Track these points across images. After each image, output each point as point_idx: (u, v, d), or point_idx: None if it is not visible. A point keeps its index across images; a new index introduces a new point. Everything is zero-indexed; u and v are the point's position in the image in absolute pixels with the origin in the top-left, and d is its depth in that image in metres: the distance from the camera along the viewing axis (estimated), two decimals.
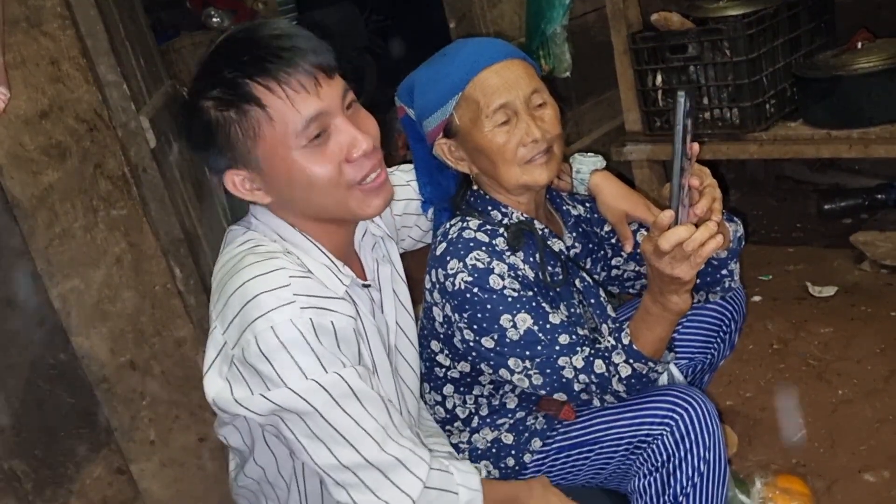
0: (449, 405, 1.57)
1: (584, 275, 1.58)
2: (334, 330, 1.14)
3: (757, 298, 2.59)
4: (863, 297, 2.45)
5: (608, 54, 2.80)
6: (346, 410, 1.14)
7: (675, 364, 1.68)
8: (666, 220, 1.18)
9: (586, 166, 1.61)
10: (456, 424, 1.56)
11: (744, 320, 1.73)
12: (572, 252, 1.57)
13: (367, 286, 1.33)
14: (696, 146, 1.22)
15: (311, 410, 1.12)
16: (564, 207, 1.61)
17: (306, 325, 1.11)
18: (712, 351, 1.71)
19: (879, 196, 2.95)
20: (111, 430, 1.86)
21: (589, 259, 1.63)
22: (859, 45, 2.36)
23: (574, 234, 1.59)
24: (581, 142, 3.26)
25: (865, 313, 2.37)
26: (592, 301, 1.58)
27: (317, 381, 1.11)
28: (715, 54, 2.47)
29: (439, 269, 1.42)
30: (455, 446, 1.54)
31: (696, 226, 1.20)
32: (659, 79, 2.63)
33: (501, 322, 1.38)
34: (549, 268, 1.48)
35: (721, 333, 1.70)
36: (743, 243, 1.56)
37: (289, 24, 1.23)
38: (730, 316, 1.69)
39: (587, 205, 1.64)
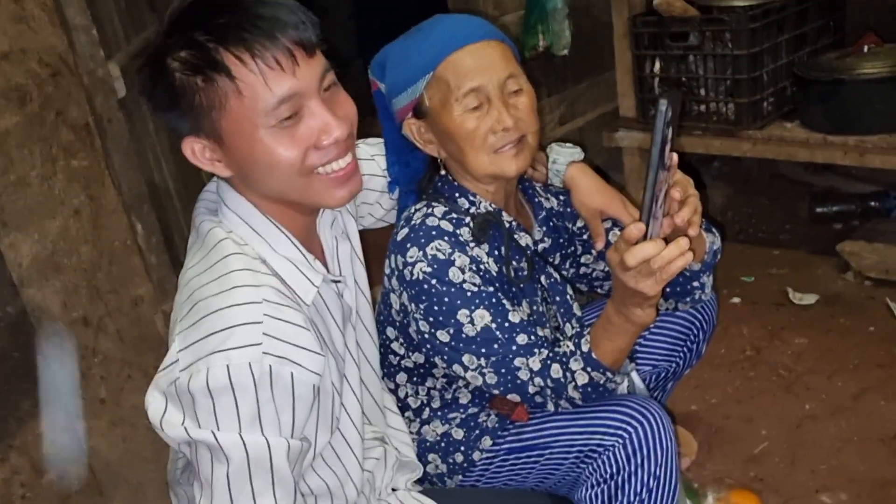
0: (401, 394, 1.52)
1: (552, 271, 1.52)
2: (292, 384, 1.05)
3: (736, 300, 2.54)
4: (843, 309, 2.40)
5: (609, 35, 2.72)
6: (252, 480, 1.05)
7: (639, 371, 1.64)
8: (635, 233, 1.11)
9: (563, 157, 1.54)
10: (407, 414, 1.52)
11: (713, 331, 1.68)
12: (541, 247, 1.51)
13: (338, 282, 1.26)
14: (675, 156, 1.15)
15: (223, 461, 1.04)
16: (537, 199, 1.54)
17: (263, 372, 1.03)
18: (677, 360, 1.66)
19: (873, 204, 2.89)
20: (58, 387, 1.81)
21: (558, 254, 1.56)
22: (865, 48, 2.28)
23: (544, 228, 1.52)
24: (573, 123, 3.18)
25: (844, 326, 2.33)
26: (558, 299, 1.53)
27: (243, 440, 1.03)
28: (716, 45, 2.39)
29: (399, 256, 1.36)
30: None
31: (669, 239, 1.14)
32: (657, 66, 2.55)
33: (458, 317, 1.32)
34: (514, 262, 1.42)
35: (688, 343, 1.65)
36: (718, 256, 1.50)
37: None
38: (698, 326, 1.64)
39: (561, 198, 1.58)
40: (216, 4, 1.08)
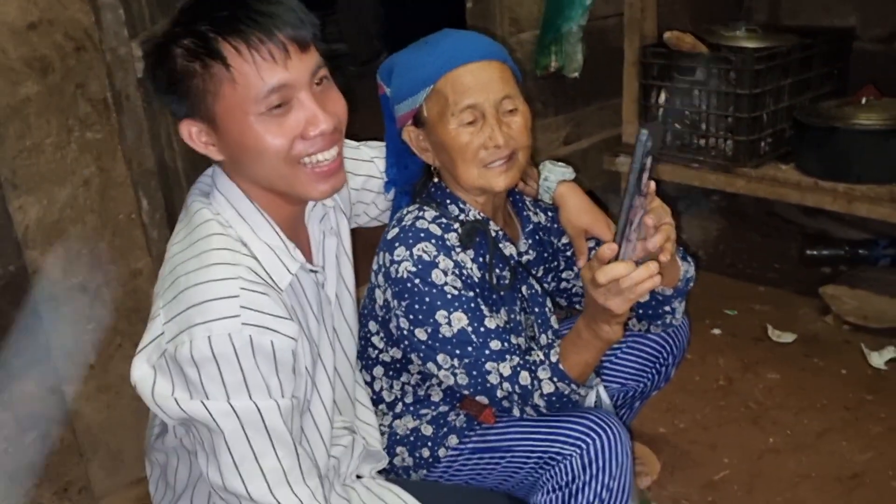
0: (377, 387, 1.58)
1: (534, 282, 1.59)
2: (273, 350, 1.12)
3: (716, 331, 2.60)
4: (819, 350, 2.46)
5: (621, 61, 2.78)
6: (251, 443, 1.12)
7: (607, 387, 1.70)
8: (607, 253, 1.18)
9: (554, 175, 1.60)
10: (381, 407, 1.58)
11: (682, 356, 1.74)
12: (525, 258, 1.57)
13: (315, 272, 1.33)
14: (652, 184, 1.22)
15: (218, 431, 1.11)
16: (525, 213, 1.61)
17: (244, 342, 1.09)
18: (645, 380, 1.72)
19: (862, 251, 2.95)
20: (49, 349, 1.88)
21: (542, 267, 1.63)
22: (863, 100, 2.34)
23: (530, 241, 1.59)
24: (578, 144, 3.25)
25: (817, 366, 2.38)
26: (536, 309, 1.59)
27: (233, 407, 1.10)
28: (720, 83, 2.45)
29: (386, 254, 1.43)
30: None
31: (640, 262, 1.21)
32: (662, 97, 2.61)
33: (437, 317, 1.39)
34: (497, 270, 1.49)
35: (657, 365, 1.71)
36: (691, 284, 1.56)
37: None
38: (668, 350, 1.70)
39: (549, 214, 1.64)
40: (222, 0, 1.16)
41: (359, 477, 1.49)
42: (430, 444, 1.52)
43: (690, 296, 2.77)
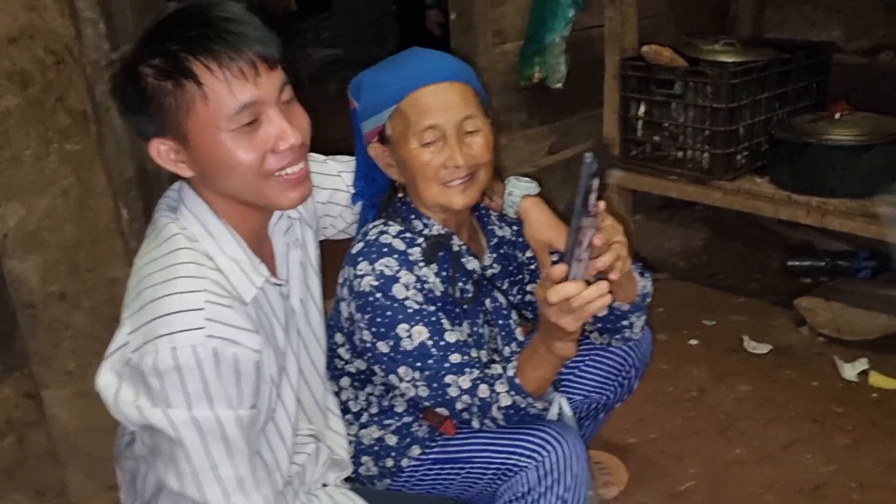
0: (343, 397, 1.61)
1: (499, 295, 1.62)
2: (236, 362, 1.15)
3: (693, 342, 2.63)
4: (792, 362, 2.49)
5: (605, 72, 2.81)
6: (210, 451, 1.15)
7: (570, 400, 1.73)
8: (557, 273, 1.21)
9: (518, 190, 1.64)
10: (347, 417, 1.61)
11: (645, 369, 1.77)
12: (490, 272, 1.60)
13: (279, 285, 1.36)
14: (602, 204, 1.25)
15: (178, 439, 1.14)
16: (490, 227, 1.64)
17: (207, 354, 1.12)
18: (608, 393, 1.75)
19: (843, 263, 2.97)
20: (27, 355, 1.91)
21: (507, 281, 1.66)
22: (837, 115, 2.37)
23: (494, 255, 1.62)
24: (563, 154, 3.28)
25: (789, 378, 2.41)
26: (500, 322, 1.62)
27: (194, 416, 1.13)
28: (697, 96, 2.48)
29: (351, 268, 1.46)
30: None
31: (594, 281, 1.24)
32: (642, 109, 2.64)
33: (398, 330, 1.42)
34: (460, 284, 1.52)
35: (620, 378, 1.74)
36: (649, 299, 1.59)
37: (242, 10, 1.23)
38: (630, 363, 1.73)
39: (514, 228, 1.67)
40: (187, 20, 1.19)
41: (324, 485, 1.52)
42: (393, 453, 1.56)
43: (668, 306, 2.83)
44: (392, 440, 1.56)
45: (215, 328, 1.13)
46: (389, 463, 1.56)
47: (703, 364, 2.49)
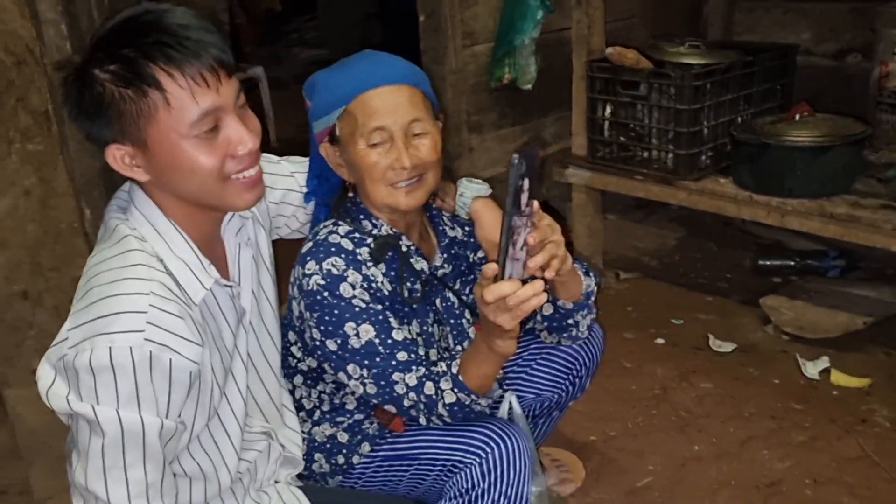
0: (297, 395, 1.63)
1: (450, 295, 1.64)
2: (170, 369, 1.17)
3: (660, 341, 2.65)
4: (755, 359, 2.51)
5: None
6: (125, 454, 1.16)
7: (523, 398, 1.75)
8: (489, 272, 1.23)
9: (470, 191, 1.66)
10: (301, 414, 1.63)
11: (596, 367, 1.79)
12: (440, 272, 1.62)
13: (228, 286, 1.37)
14: (535, 203, 1.27)
15: (98, 434, 1.15)
16: (441, 227, 1.66)
17: (143, 357, 1.14)
18: (559, 391, 1.77)
19: (812, 262, 3.00)
20: None
21: (459, 280, 1.68)
22: (797, 117, 2.40)
23: (445, 255, 1.64)
24: None
25: (751, 375, 2.43)
26: (452, 321, 1.64)
27: (119, 416, 1.14)
28: (661, 98, 2.51)
29: (300, 267, 1.48)
30: None
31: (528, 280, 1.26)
32: (608, 110, 2.67)
33: (345, 328, 1.44)
34: (409, 284, 1.54)
35: (571, 377, 1.76)
36: (593, 298, 1.61)
37: (197, 17, 1.24)
38: (581, 362, 1.75)
39: (467, 228, 1.69)
40: (143, 27, 1.19)
41: (276, 482, 1.54)
42: (345, 451, 1.57)
43: (638, 305, 2.86)
44: (344, 437, 1.58)
45: (155, 333, 1.15)
46: (341, 460, 1.58)
47: (668, 362, 2.51)
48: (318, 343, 1.47)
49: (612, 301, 2.92)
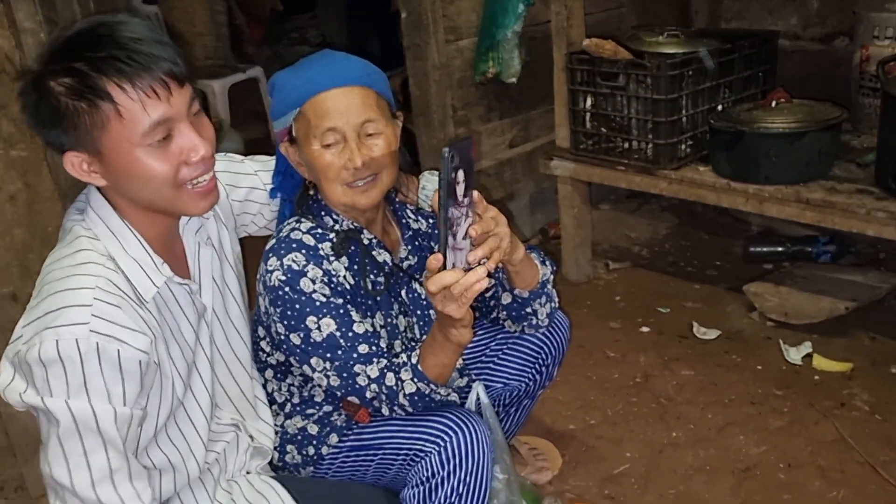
0: (269, 389, 1.68)
1: (416, 286, 1.67)
2: (119, 360, 1.21)
3: (645, 329, 2.67)
4: (738, 346, 2.52)
5: None
6: (83, 440, 1.20)
7: (491, 387, 1.79)
8: (433, 263, 1.26)
9: (431, 184, 1.69)
10: (274, 407, 1.67)
11: (563, 357, 1.81)
12: (406, 264, 1.66)
13: (183, 284, 1.41)
14: (475, 193, 1.30)
15: (54, 423, 1.19)
16: (405, 220, 1.69)
17: (89, 348, 1.18)
18: (527, 380, 1.80)
19: (803, 248, 3.00)
20: None
21: (425, 272, 1.71)
22: (773, 103, 2.40)
23: (409, 247, 1.67)
24: (523, 147, 3.33)
25: (734, 362, 2.45)
26: (419, 312, 1.68)
27: (69, 406, 1.18)
28: (639, 88, 2.52)
29: (263, 264, 1.52)
30: None
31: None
32: (589, 101, 2.68)
33: (307, 322, 1.48)
34: (372, 276, 1.58)
35: (538, 365, 1.79)
36: (549, 286, 1.64)
37: (151, 29, 1.28)
38: (548, 351, 1.78)
39: (431, 221, 1.72)
40: (97, 40, 1.23)
41: (248, 473, 1.59)
42: (315, 442, 1.62)
43: (626, 295, 2.87)
44: (314, 429, 1.62)
45: (100, 325, 1.20)
46: (311, 451, 1.62)
47: (652, 350, 2.53)
48: (282, 337, 1.51)
49: (600, 291, 2.95)
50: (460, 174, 1.22)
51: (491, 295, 1.73)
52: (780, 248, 3.04)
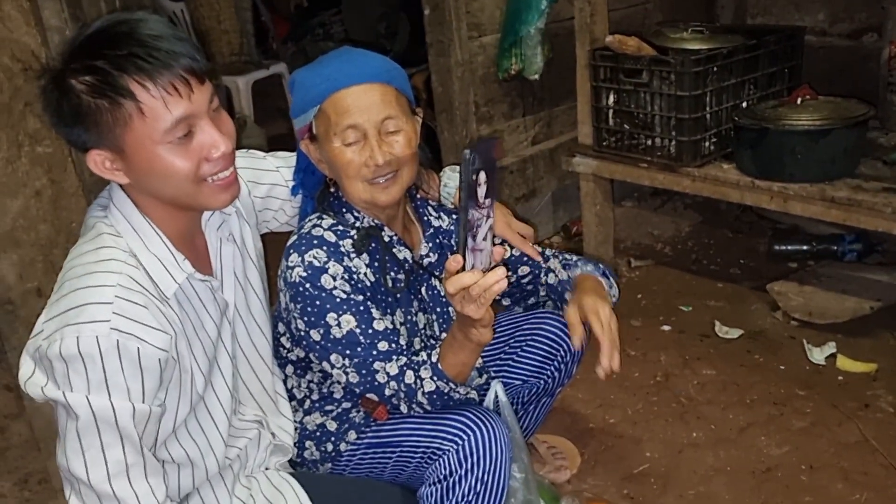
0: (289, 385, 1.69)
1: (436, 284, 1.67)
2: (139, 357, 1.22)
3: (666, 328, 2.65)
4: (762, 346, 2.50)
5: None
6: (101, 435, 1.22)
7: (510, 385, 1.79)
8: (452, 265, 1.26)
9: (453, 182, 1.69)
10: (293, 404, 1.68)
11: (583, 354, 1.80)
12: (426, 261, 1.66)
13: (205, 281, 1.42)
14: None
15: (73, 417, 1.21)
16: (426, 218, 1.69)
17: (110, 346, 1.20)
18: (546, 378, 1.80)
19: (829, 247, 2.96)
20: (5, 350, 2.01)
21: (443, 273, 1.71)
22: (798, 100, 2.37)
23: (430, 245, 1.68)
24: (546, 143, 3.31)
25: (756, 362, 2.42)
26: (438, 309, 1.68)
27: (90, 401, 1.20)
28: (663, 85, 2.50)
29: (284, 260, 1.53)
30: None
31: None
32: (612, 98, 2.67)
33: (327, 319, 1.48)
34: (392, 273, 1.58)
35: (556, 363, 1.78)
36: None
37: (170, 27, 1.29)
38: (566, 348, 1.77)
39: (453, 217, 1.72)
40: (117, 39, 1.23)
41: (267, 469, 1.60)
42: (333, 438, 1.63)
43: (647, 293, 2.85)
44: (332, 426, 1.63)
45: (121, 322, 1.21)
46: (329, 447, 1.63)
47: (673, 349, 2.51)
48: (303, 333, 1.52)
49: (622, 289, 2.91)
50: (482, 176, 1.21)
51: (528, 282, 1.74)
52: (805, 247, 3.00)
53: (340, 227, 1.55)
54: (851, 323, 2.51)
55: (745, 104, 2.60)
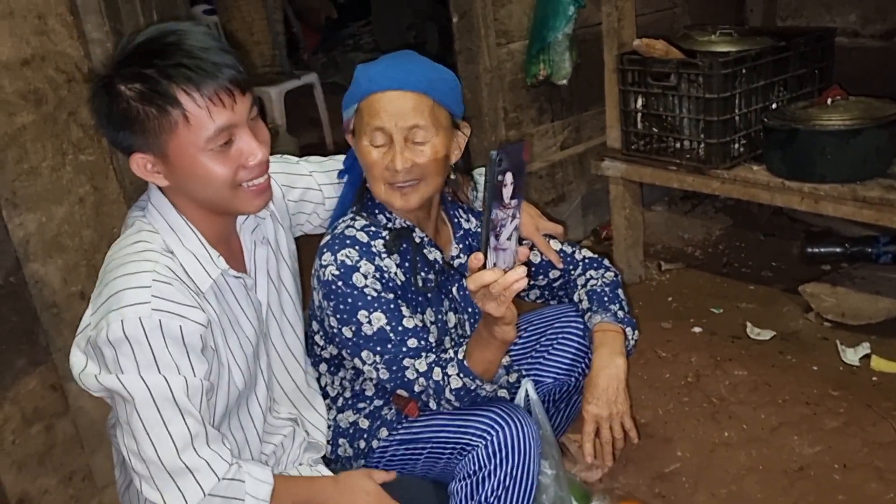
0: (322, 382, 1.73)
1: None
2: (182, 335, 1.29)
3: (697, 329, 2.65)
4: (794, 347, 2.49)
5: None
6: (161, 412, 1.28)
7: (541, 383, 1.81)
8: (473, 262, 1.29)
9: (482, 184, 1.72)
10: (326, 402, 1.73)
11: None
12: (456, 262, 1.69)
13: (239, 278, 1.47)
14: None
15: (130, 400, 1.27)
16: (457, 220, 1.73)
17: (153, 325, 1.26)
18: (576, 376, 1.81)
19: (864, 248, 2.93)
20: (50, 351, 2.08)
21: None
22: (829, 101, 2.37)
23: (461, 246, 1.71)
24: (575, 148, 3.33)
25: (789, 363, 2.41)
26: (470, 309, 1.71)
27: (143, 379, 1.26)
28: (691, 87, 2.51)
29: (317, 259, 1.58)
30: None
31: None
32: (640, 102, 2.68)
33: (359, 316, 1.52)
34: (423, 273, 1.62)
35: (586, 361, 1.79)
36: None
37: (214, 38, 1.35)
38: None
39: (482, 219, 1.75)
40: (166, 48, 1.30)
41: (300, 465, 1.64)
42: (365, 436, 1.66)
43: (678, 295, 2.85)
44: (365, 423, 1.67)
45: (160, 303, 1.27)
46: (362, 444, 1.66)
47: (704, 351, 2.51)
48: (335, 331, 1.56)
49: (652, 292, 2.94)
50: (508, 177, 1.23)
51: (559, 286, 1.82)
52: (838, 249, 2.97)
53: (373, 228, 1.59)
54: (885, 324, 2.49)
55: (774, 106, 2.59)
